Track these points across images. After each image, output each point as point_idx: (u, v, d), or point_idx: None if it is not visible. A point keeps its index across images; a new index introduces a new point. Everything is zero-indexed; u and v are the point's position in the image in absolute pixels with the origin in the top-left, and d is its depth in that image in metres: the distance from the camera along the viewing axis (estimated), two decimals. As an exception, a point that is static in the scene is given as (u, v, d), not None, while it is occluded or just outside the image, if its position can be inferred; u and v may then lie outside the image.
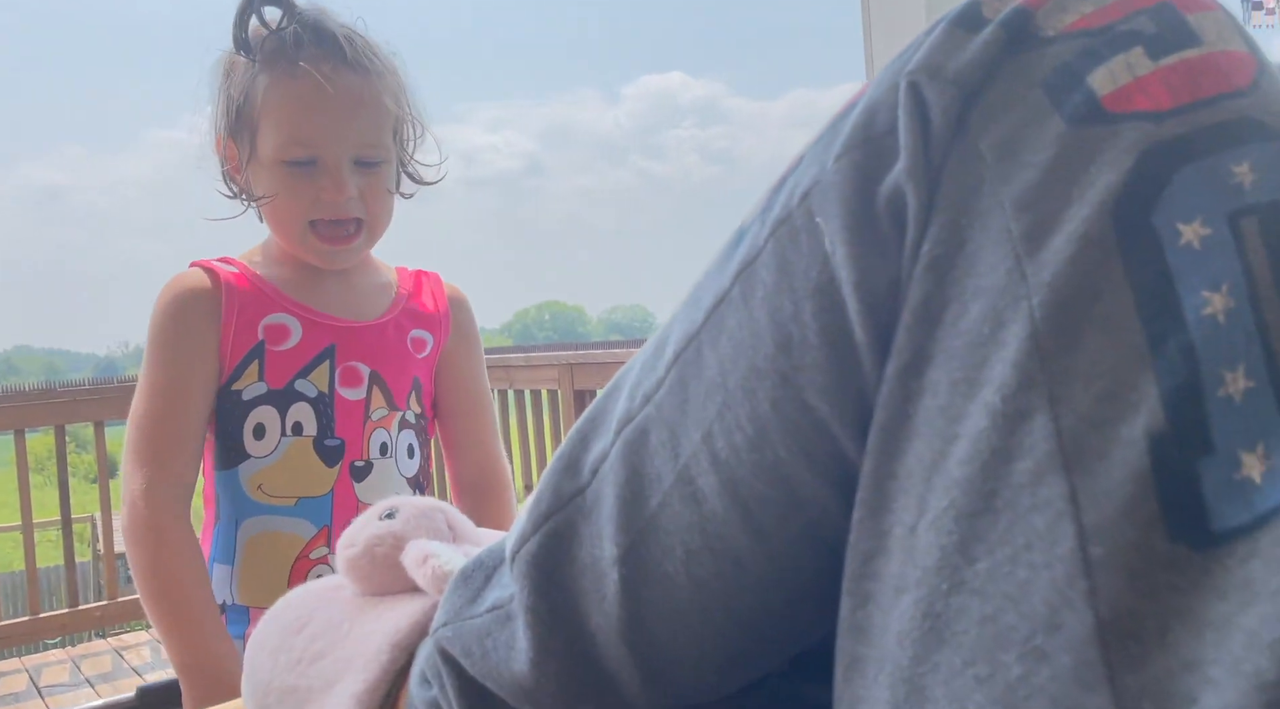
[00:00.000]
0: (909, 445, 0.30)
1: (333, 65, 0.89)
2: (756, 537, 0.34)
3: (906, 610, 0.29)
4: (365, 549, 0.59)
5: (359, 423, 0.96)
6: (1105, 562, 0.25)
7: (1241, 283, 0.25)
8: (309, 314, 0.96)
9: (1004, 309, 0.28)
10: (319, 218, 0.92)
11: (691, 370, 0.36)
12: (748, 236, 0.35)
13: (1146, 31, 0.29)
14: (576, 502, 0.39)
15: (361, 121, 0.91)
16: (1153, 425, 0.25)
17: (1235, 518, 0.24)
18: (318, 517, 0.95)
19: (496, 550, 0.44)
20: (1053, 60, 0.30)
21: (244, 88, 0.91)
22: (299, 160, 0.90)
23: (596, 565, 0.38)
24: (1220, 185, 0.27)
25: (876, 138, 0.32)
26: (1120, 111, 0.28)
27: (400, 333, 1.00)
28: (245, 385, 0.94)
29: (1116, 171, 0.27)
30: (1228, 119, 0.28)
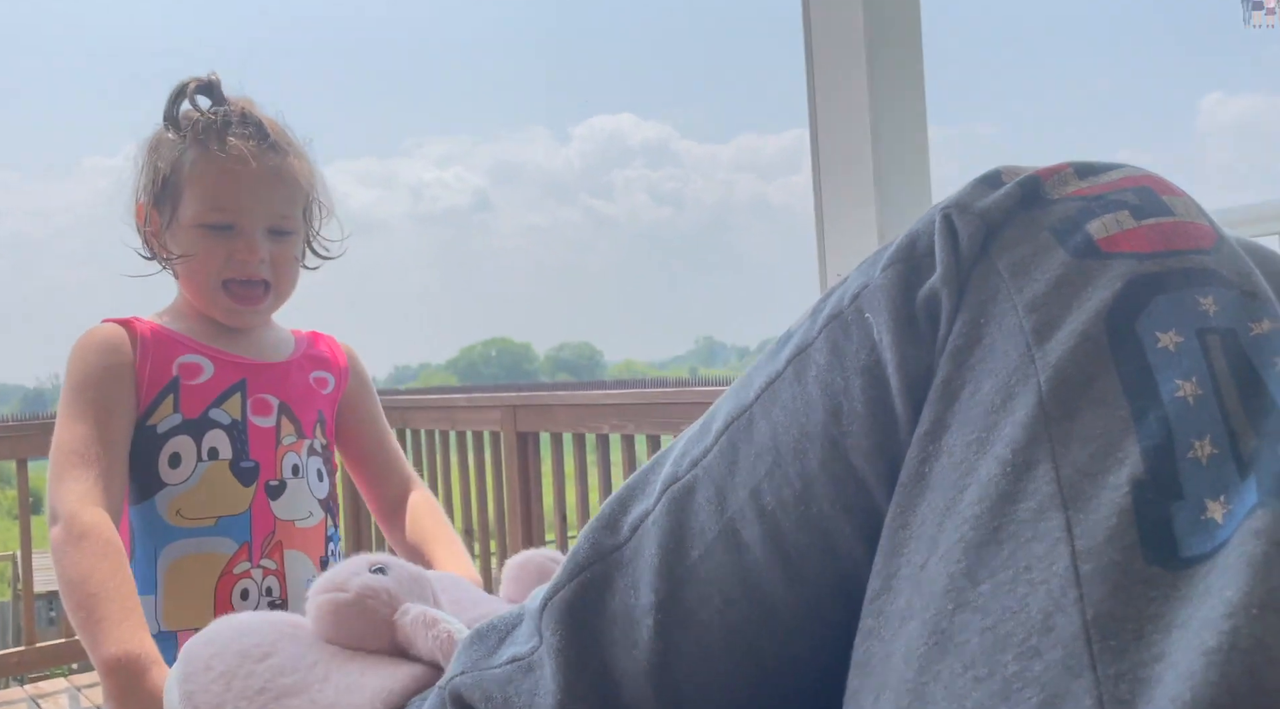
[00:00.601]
0: (923, 498, 0.36)
1: (256, 144, 1.03)
2: (794, 584, 0.40)
3: (913, 632, 0.34)
4: (357, 597, 0.58)
5: (271, 447, 1.06)
6: (1092, 576, 0.31)
7: (1207, 378, 0.33)
8: (219, 354, 1.06)
9: (1015, 384, 0.35)
10: (231, 277, 1.03)
11: (742, 437, 0.42)
12: (797, 334, 0.43)
13: (1131, 201, 0.38)
14: (614, 556, 0.44)
15: (277, 195, 1.04)
16: (1135, 474, 0.32)
17: (1200, 547, 0.30)
18: (238, 534, 1.02)
19: (507, 617, 0.49)
20: (1058, 213, 0.38)
21: (171, 160, 1.04)
22: (217, 225, 1.02)
23: (630, 613, 0.42)
24: (1190, 310, 0.34)
25: (918, 256, 0.40)
26: (1111, 251, 0.37)
27: (303, 373, 1.12)
28: (160, 419, 1.01)
29: (1109, 291, 0.35)
30: (1195, 267, 0.36)
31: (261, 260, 1.03)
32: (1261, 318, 0.35)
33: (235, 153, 1.01)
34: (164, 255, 1.06)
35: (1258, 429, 0.32)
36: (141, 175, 1.07)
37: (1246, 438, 0.32)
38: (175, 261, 1.05)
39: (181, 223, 1.03)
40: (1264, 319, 0.35)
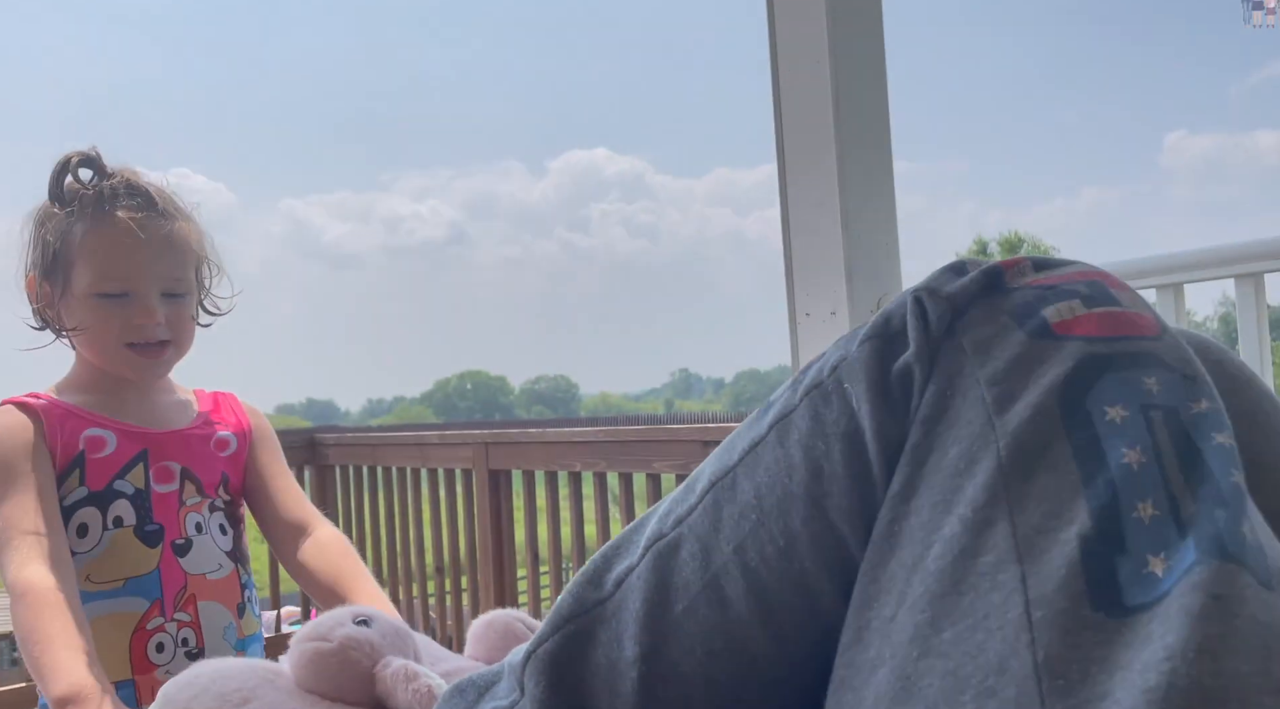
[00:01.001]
0: (893, 555, 0.39)
1: (144, 214, 1.06)
2: (775, 638, 0.42)
3: (882, 679, 0.36)
4: (340, 648, 0.58)
5: (174, 509, 1.10)
6: (1043, 621, 0.33)
7: (1150, 448, 0.36)
8: (121, 427, 1.09)
9: (978, 450, 0.38)
10: (133, 341, 1.07)
11: (726, 496, 0.44)
12: (778, 403, 0.46)
13: (1083, 292, 0.42)
14: (598, 610, 0.46)
15: (168, 260, 1.08)
16: (1083, 531, 0.35)
17: (1142, 597, 0.33)
18: (148, 591, 1.07)
19: (486, 673, 0.50)
20: (1017, 299, 0.42)
21: (60, 234, 1.06)
22: (112, 293, 1.06)
23: (614, 666, 0.44)
24: (1135, 388, 0.38)
25: (892, 334, 0.44)
26: (1064, 334, 0.40)
27: (205, 438, 1.16)
28: (67, 493, 1.06)
29: (1062, 368, 0.39)
30: (1140, 351, 0.39)
31: (159, 323, 1.07)
32: (1200, 398, 0.38)
33: (124, 224, 1.04)
34: (59, 325, 1.10)
35: (1195, 496, 0.35)
36: (30, 250, 1.10)
37: (1186, 503, 0.35)
38: (72, 333, 1.09)
39: (75, 294, 1.06)
40: (1202, 399, 0.38)
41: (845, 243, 1.19)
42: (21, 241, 1.12)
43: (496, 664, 0.50)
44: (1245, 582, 0.32)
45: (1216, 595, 0.32)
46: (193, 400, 1.19)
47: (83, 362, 1.13)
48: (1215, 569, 0.32)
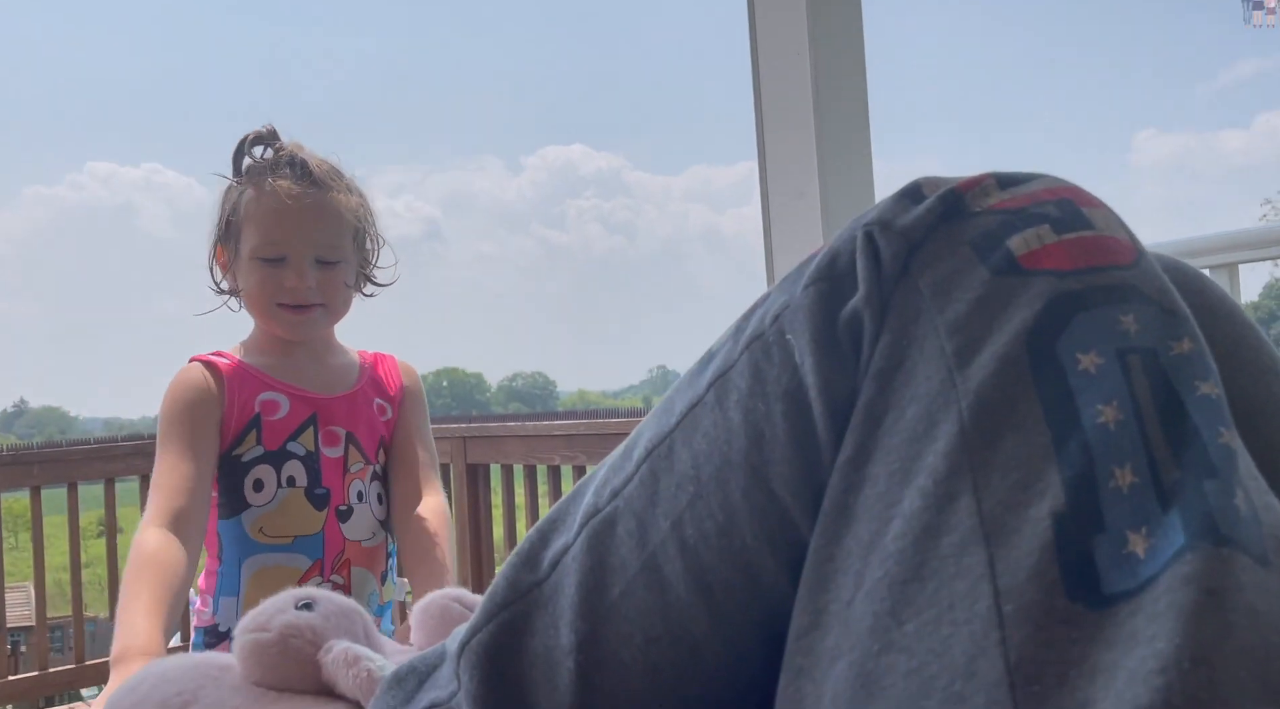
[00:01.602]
0: (848, 530, 0.35)
1: (301, 183, 1.15)
2: (717, 622, 0.38)
3: (841, 674, 0.33)
4: (280, 637, 0.56)
5: (340, 474, 1.18)
6: (1014, 616, 0.30)
7: (1128, 401, 0.32)
8: (294, 391, 1.19)
9: (937, 411, 0.34)
10: (284, 302, 1.15)
11: (663, 465, 0.40)
12: (718, 355, 0.42)
13: (1052, 215, 0.37)
14: (533, 594, 0.42)
15: (321, 227, 1.15)
16: (1056, 507, 0.31)
17: (1122, 584, 0.29)
18: (311, 551, 1.15)
19: (429, 656, 0.47)
20: (978, 227, 0.37)
21: (234, 204, 1.17)
22: (270, 257, 1.14)
23: (550, 655, 0.40)
24: (1110, 329, 0.34)
25: (838, 275, 0.39)
26: (1032, 268, 0.36)
27: (367, 402, 1.23)
28: (245, 450, 1.15)
29: (1029, 310, 0.35)
30: (1115, 283, 0.35)
31: (310, 287, 1.15)
32: (1182, 336, 0.34)
33: (281, 192, 1.13)
34: (232, 287, 1.21)
35: (1179, 459, 0.31)
36: (216, 222, 1.22)
37: (1168, 468, 0.31)
38: (239, 294, 1.19)
39: (242, 257, 1.16)
40: (1184, 338, 0.34)
41: (825, 236, 1.20)
42: (212, 218, 1.22)
43: (438, 646, 0.47)
44: (1241, 566, 0.29)
45: (1210, 590, 0.28)
46: (356, 362, 1.27)
47: (257, 324, 1.22)
48: (1208, 557, 0.29)
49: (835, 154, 1.20)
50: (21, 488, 3.18)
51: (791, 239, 1.23)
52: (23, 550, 3.90)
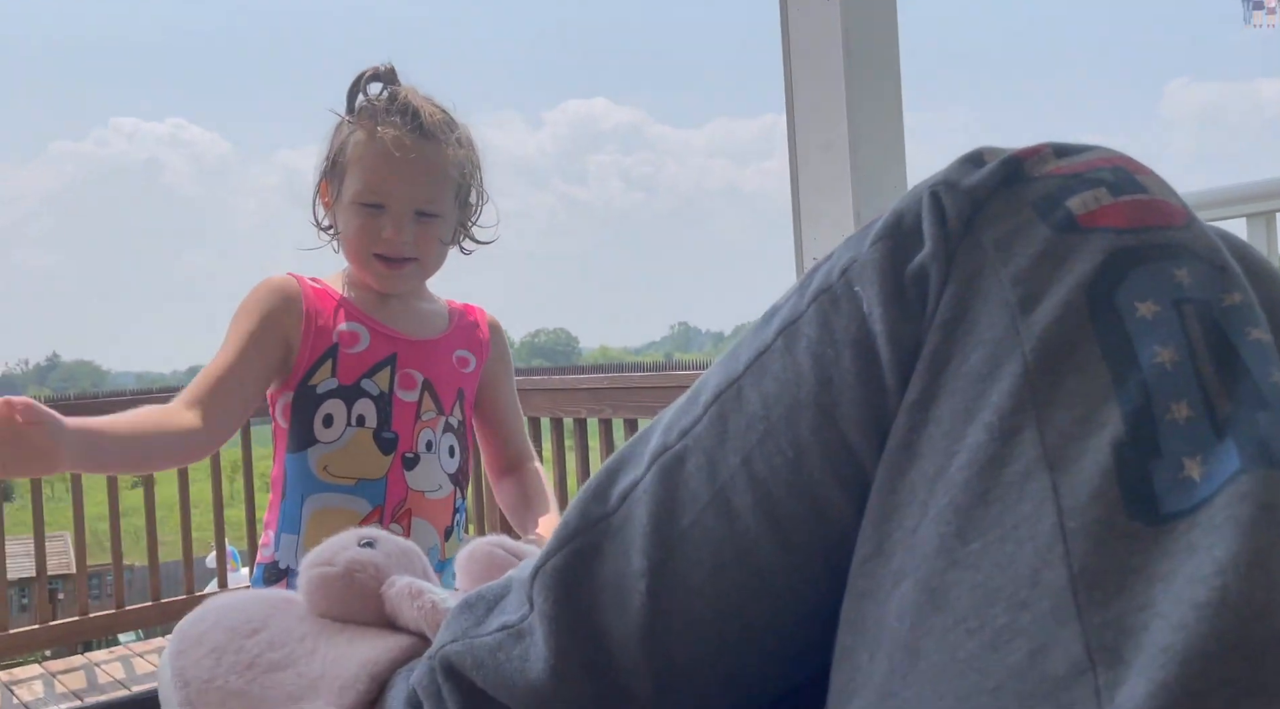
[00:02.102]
0: (913, 466, 0.38)
1: (410, 133, 1.11)
2: (784, 550, 0.41)
3: (906, 592, 0.36)
4: (345, 571, 0.59)
5: (411, 421, 1.15)
6: (1077, 532, 0.32)
7: (1184, 345, 0.34)
8: (376, 325, 1.16)
9: (1001, 354, 0.37)
10: (380, 253, 1.13)
11: (732, 407, 0.43)
12: (784, 308, 0.44)
13: (1108, 179, 0.40)
14: (603, 525, 0.45)
15: (425, 181, 1.12)
16: (1116, 436, 0.34)
17: (1179, 504, 0.32)
18: (373, 496, 1.12)
19: (495, 587, 0.50)
20: (1038, 190, 0.40)
21: (342, 143, 1.14)
22: (369, 203, 1.12)
23: (621, 580, 0.43)
24: (1166, 281, 0.36)
25: (904, 233, 0.41)
26: (1090, 226, 0.38)
27: (449, 351, 1.20)
28: (320, 381, 1.12)
29: (1089, 263, 0.37)
30: (1169, 242, 0.38)
31: (406, 241, 1.12)
32: (1232, 290, 0.36)
33: (388, 139, 1.10)
34: (333, 224, 1.18)
35: (1232, 395, 0.33)
36: (323, 157, 1.18)
37: (1221, 402, 0.33)
38: (337, 236, 1.17)
39: (344, 199, 1.13)
40: (1234, 291, 0.36)
41: (854, 188, 1.19)
42: (321, 152, 1.19)
43: (504, 577, 0.50)
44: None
45: (1266, 505, 0.30)
46: (445, 312, 1.24)
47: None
48: (1263, 478, 0.31)
49: (865, 104, 1.18)
50: (59, 439, 3.25)
51: (819, 191, 1.23)
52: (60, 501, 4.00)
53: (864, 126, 1.19)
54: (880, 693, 0.35)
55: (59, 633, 3.24)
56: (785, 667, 0.45)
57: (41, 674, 3.16)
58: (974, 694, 0.32)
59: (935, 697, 0.33)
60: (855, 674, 0.37)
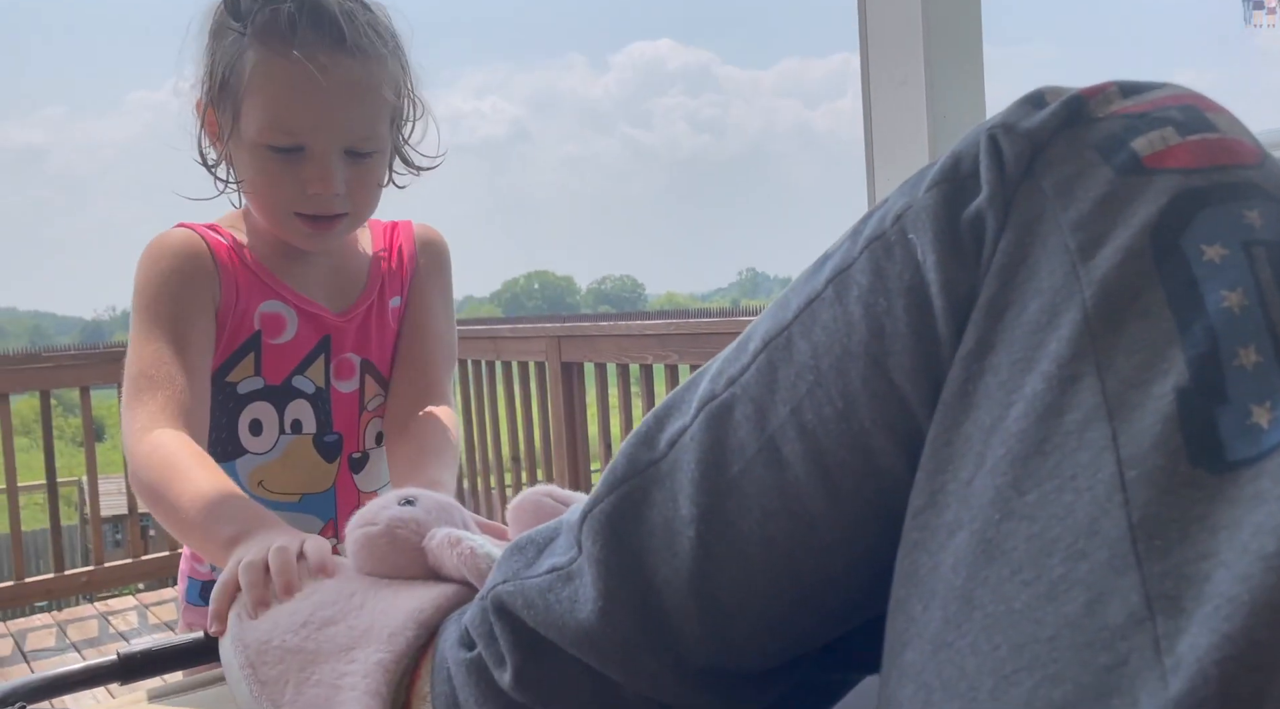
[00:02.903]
0: (968, 417, 0.37)
1: (328, 50, 0.82)
2: (832, 499, 0.41)
3: (961, 543, 0.35)
4: (387, 529, 0.62)
5: (355, 414, 0.96)
6: (1138, 481, 0.31)
7: (1253, 288, 0.33)
8: (301, 303, 0.92)
9: (1060, 302, 0.36)
10: (304, 211, 0.87)
11: (781, 356, 0.43)
12: (835, 256, 0.43)
13: (1176, 118, 0.38)
14: (651, 471, 0.45)
15: (355, 112, 0.85)
16: (1180, 383, 0.32)
17: (1245, 451, 0.31)
18: (323, 510, 0.95)
19: (544, 530, 0.51)
20: (1102, 131, 0.38)
21: (230, 59, 0.85)
22: (284, 147, 0.84)
23: (669, 525, 0.43)
24: (1235, 223, 0.35)
25: (962, 177, 0.40)
26: (1156, 167, 0.37)
27: (382, 309, 0.97)
28: (241, 379, 0.91)
29: (1154, 206, 0.36)
30: (1239, 182, 0.36)
31: (335, 192, 0.86)
32: None
33: (300, 63, 0.81)
34: (228, 167, 0.91)
35: None
36: (199, 66, 0.88)
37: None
38: (240, 185, 0.90)
39: (243, 137, 0.86)
40: None
41: (930, 127, 1.16)
42: (194, 46, 0.89)
43: (553, 522, 0.51)
44: None
45: None
46: (369, 251, 0.99)
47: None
48: None
49: (942, 38, 1.14)
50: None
51: (894, 131, 1.19)
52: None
53: (941, 62, 1.15)
54: (935, 643, 0.35)
55: (150, 567, 3.40)
56: (835, 615, 0.44)
57: (135, 606, 3.33)
58: (1029, 644, 0.32)
59: (990, 647, 0.33)
60: (910, 625, 0.36)
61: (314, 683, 0.53)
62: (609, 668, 0.45)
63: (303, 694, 0.53)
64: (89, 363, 3.27)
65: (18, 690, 0.60)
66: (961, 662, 0.33)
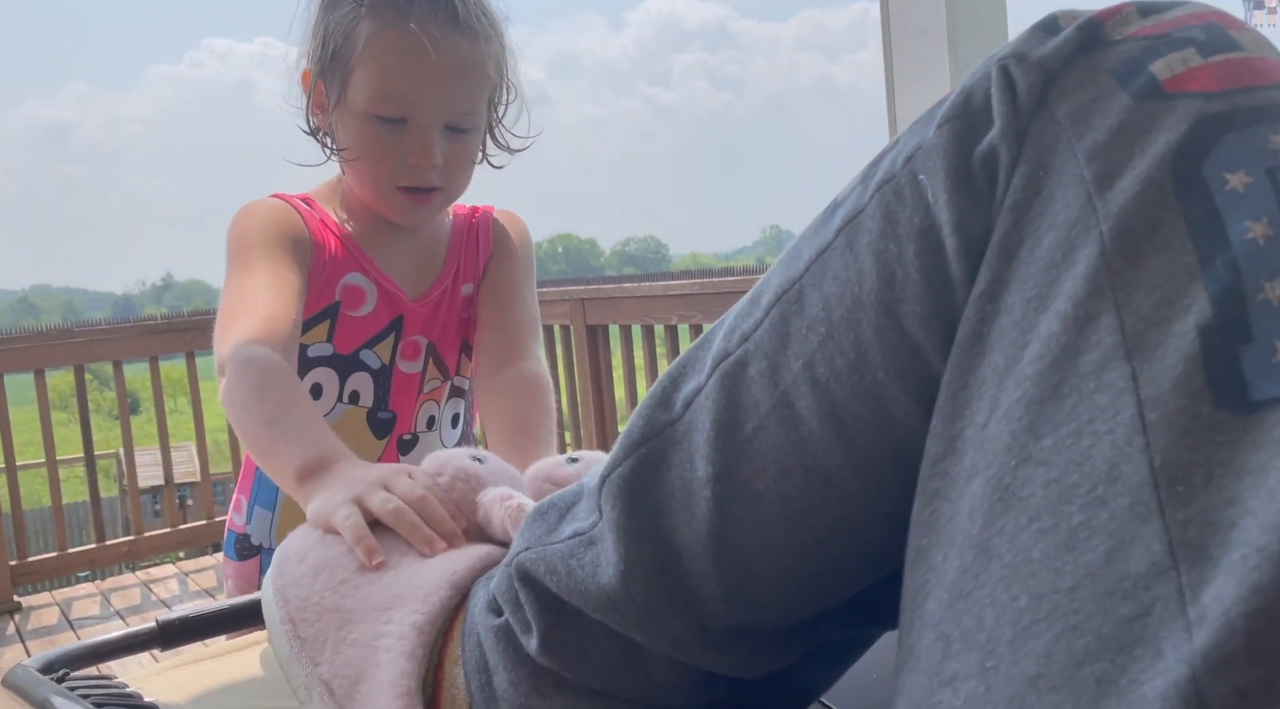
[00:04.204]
0: (983, 359, 0.35)
1: (441, 26, 0.86)
2: (849, 453, 0.40)
3: (977, 490, 0.34)
4: (450, 481, 0.62)
5: (413, 396, 0.98)
6: (1159, 424, 0.30)
7: (1279, 217, 0.31)
8: (383, 281, 0.95)
9: (1076, 236, 0.34)
10: (405, 183, 0.90)
11: (793, 309, 0.42)
12: (846, 202, 0.42)
13: (1197, 38, 0.36)
14: (668, 432, 0.44)
15: (460, 88, 0.88)
16: (1202, 320, 0.31)
17: (1271, 391, 0.29)
18: None
19: (566, 494, 0.50)
20: (1119, 54, 0.36)
21: (345, 29, 0.88)
22: (389, 117, 0.88)
23: (687, 486, 0.43)
24: (1260, 148, 0.33)
25: (973, 112, 0.38)
26: (1176, 92, 0.35)
27: (454, 295, 1.00)
28: (313, 342, 0.93)
29: (1174, 133, 0.34)
30: (1265, 104, 0.34)
31: (435, 164, 0.89)
32: None
33: (415, 36, 0.84)
34: (330, 136, 0.93)
35: None
36: (311, 37, 0.91)
37: None
38: (342, 153, 0.92)
39: (349, 106, 0.89)
40: None
41: (954, 76, 1.14)
42: (304, 20, 0.92)
43: (575, 486, 0.50)
44: None
45: None
46: (448, 235, 1.01)
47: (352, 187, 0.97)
48: None
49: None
50: (178, 354, 3.42)
51: (916, 80, 1.17)
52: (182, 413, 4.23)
53: (964, 9, 1.12)
54: (953, 593, 0.34)
55: (189, 536, 3.47)
56: (855, 570, 0.44)
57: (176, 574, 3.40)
58: (1049, 595, 0.30)
59: (1009, 597, 0.32)
60: (930, 575, 0.35)
61: (351, 642, 0.53)
62: (632, 631, 0.45)
63: (340, 654, 0.53)
64: (122, 336, 3.31)
65: (62, 658, 0.61)
66: (980, 612, 0.32)
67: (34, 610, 3.07)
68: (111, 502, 8.25)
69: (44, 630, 2.88)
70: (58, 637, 2.82)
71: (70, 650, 0.62)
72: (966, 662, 0.32)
